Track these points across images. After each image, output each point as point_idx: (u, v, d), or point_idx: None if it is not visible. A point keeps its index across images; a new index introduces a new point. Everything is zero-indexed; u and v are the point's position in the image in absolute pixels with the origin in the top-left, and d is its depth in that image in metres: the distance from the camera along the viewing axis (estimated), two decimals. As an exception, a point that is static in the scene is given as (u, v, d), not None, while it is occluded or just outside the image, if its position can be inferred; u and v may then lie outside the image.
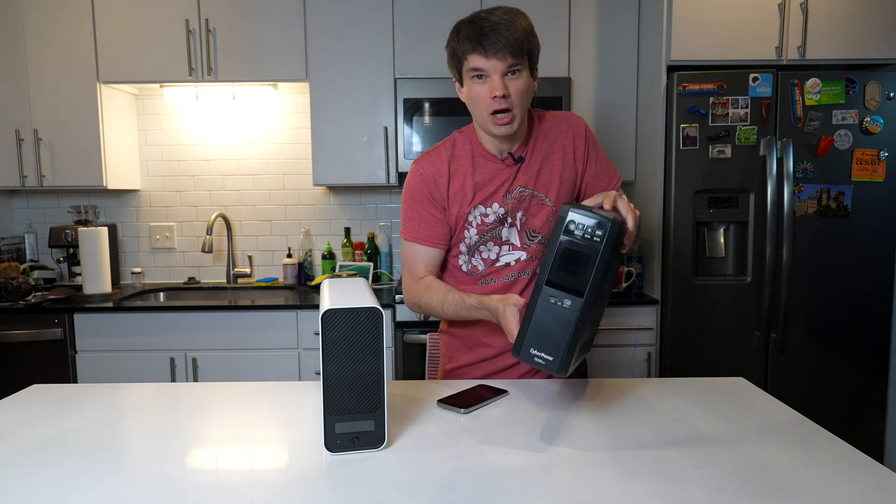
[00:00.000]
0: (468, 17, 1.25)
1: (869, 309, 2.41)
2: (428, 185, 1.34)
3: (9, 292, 2.54)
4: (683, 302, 2.42)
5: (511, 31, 1.19)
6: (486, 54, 1.19)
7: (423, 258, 1.36)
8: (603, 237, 0.94)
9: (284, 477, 0.90)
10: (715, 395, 1.24)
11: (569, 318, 0.95)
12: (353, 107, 2.72)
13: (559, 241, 0.97)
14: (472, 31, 1.20)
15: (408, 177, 1.37)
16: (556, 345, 0.96)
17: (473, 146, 1.35)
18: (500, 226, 1.35)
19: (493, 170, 1.34)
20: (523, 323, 0.98)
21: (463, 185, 1.33)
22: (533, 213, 1.35)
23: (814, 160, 2.36)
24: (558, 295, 0.96)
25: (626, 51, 2.71)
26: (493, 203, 1.33)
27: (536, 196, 1.35)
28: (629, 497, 0.83)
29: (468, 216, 1.34)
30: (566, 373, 0.96)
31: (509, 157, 1.34)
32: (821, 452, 0.97)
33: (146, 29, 2.67)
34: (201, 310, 2.51)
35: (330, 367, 0.93)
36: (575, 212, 0.96)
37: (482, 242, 1.36)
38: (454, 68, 1.29)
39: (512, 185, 1.34)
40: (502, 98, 1.21)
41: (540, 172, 1.35)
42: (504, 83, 1.21)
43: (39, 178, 2.72)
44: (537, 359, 0.97)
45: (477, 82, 1.24)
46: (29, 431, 1.08)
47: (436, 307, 1.31)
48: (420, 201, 1.35)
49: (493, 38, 1.18)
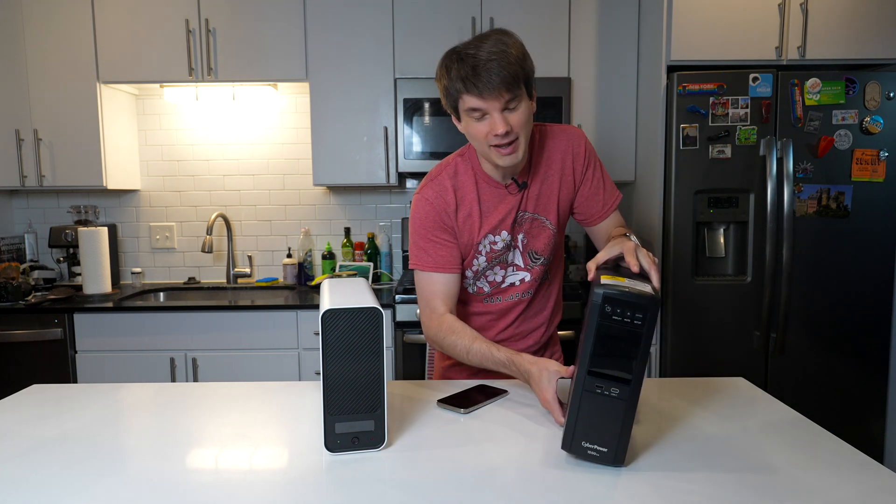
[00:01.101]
0: (457, 53, 1.16)
1: (869, 309, 2.41)
2: (438, 213, 1.30)
3: (9, 292, 2.54)
4: (683, 302, 2.42)
5: (504, 66, 1.12)
6: (481, 95, 1.13)
7: (441, 288, 1.31)
8: (644, 319, 0.87)
9: (284, 477, 0.90)
10: (715, 395, 1.24)
11: (618, 407, 0.89)
12: (353, 107, 2.72)
13: (597, 328, 0.88)
14: (464, 70, 1.13)
15: (413, 206, 1.33)
16: (610, 435, 0.90)
17: (476, 172, 1.31)
18: (507, 252, 1.34)
19: (498, 196, 1.31)
20: (569, 415, 0.92)
21: (470, 213, 1.30)
22: (534, 236, 1.34)
23: (814, 160, 2.36)
24: (604, 384, 0.89)
25: (626, 51, 2.71)
26: (501, 231, 1.31)
27: (537, 219, 1.33)
28: (629, 497, 0.83)
29: (479, 245, 1.32)
30: (622, 462, 0.91)
31: (513, 183, 1.30)
32: (821, 452, 0.96)
33: (146, 29, 2.67)
34: (201, 310, 2.51)
35: (330, 367, 0.93)
36: (610, 295, 0.87)
37: (490, 268, 1.35)
38: (449, 105, 1.22)
39: (515, 210, 1.31)
40: (504, 135, 1.16)
41: (539, 195, 1.32)
42: (504, 118, 1.15)
43: (39, 178, 2.72)
44: (591, 451, 0.91)
45: (476, 120, 1.18)
46: (29, 431, 1.08)
47: (460, 352, 1.26)
48: (432, 228, 1.30)
49: (487, 77, 1.11)
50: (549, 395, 1.08)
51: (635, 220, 2.79)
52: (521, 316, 1.41)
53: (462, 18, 2.66)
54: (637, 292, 0.87)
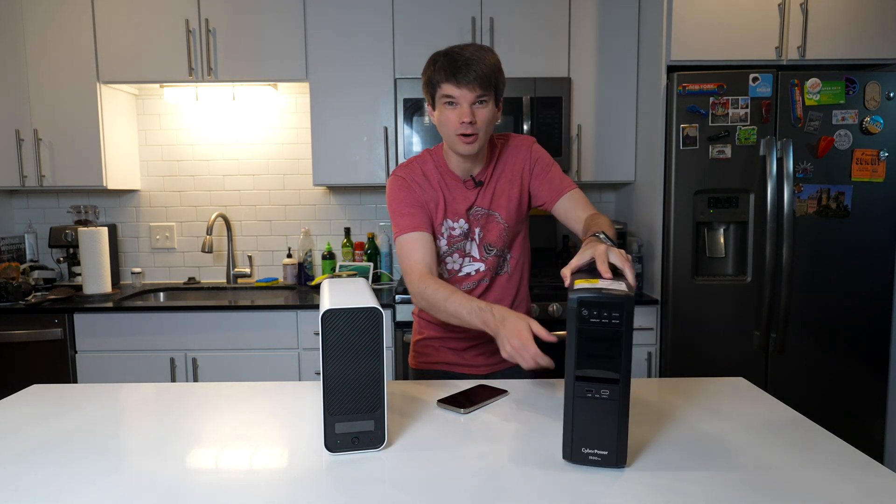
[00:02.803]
0: (444, 51, 1.38)
1: (869, 309, 2.41)
2: (410, 187, 1.47)
3: (9, 292, 2.54)
4: (683, 302, 2.42)
5: (481, 67, 1.33)
6: (458, 84, 1.33)
7: (421, 244, 1.43)
8: (621, 317, 0.89)
9: (284, 477, 0.90)
10: (715, 395, 1.24)
11: (611, 408, 0.90)
12: (353, 107, 2.72)
13: (577, 332, 0.90)
14: (448, 63, 1.34)
15: (388, 186, 1.50)
16: (608, 438, 0.91)
17: (441, 166, 1.49)
18: (464, 239, 1.49)
19: (458, 189, 1.48)
20: (565, 425, 0.93)
21: (435, 196, 1.47)
22: (489, 230, 1.49)
23: (814, 160, 2.36)
24: (593, 387, 0.91)
25: (626, 51, 2.71)
26: (459, 219, 1.48)
27: (491, 214, 1.49)
28: (629, 497, 0.83)
29: (441, 227, 1.48)
30: (625, 463, 0.92)
31: (471, 180, 1.48)
32: (821, 452, 0.97)
33: (146, 29, 2.67)
34: (201, 310, 2.51)
35: (330, 367, 0.93)
36: (585, 298, 0.89)
37: (449, 253, 1.50)
38: (428, 94, 1.42)
39: (472, 204, 1.48)
40: (469, 124, 1.34)
41: (494, 194, 1.49)
42: (472, 111, 1.35)
43: (39, 178, 2.72)
44: (592, 457, 0.92)
45: (448, 108, 1.37)
46: (29, 431, 1.08)
47: (439, 300, 1.34)
48: (406, 198, 1.46)
49: (466, 71, 1.32)
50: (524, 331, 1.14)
51: (635, 220, 2.79)
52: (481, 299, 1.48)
53: (462, 18, 2.66)
54: (611, 292, 0.90)
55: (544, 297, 2.50)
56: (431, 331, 1.58)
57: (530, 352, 1.12)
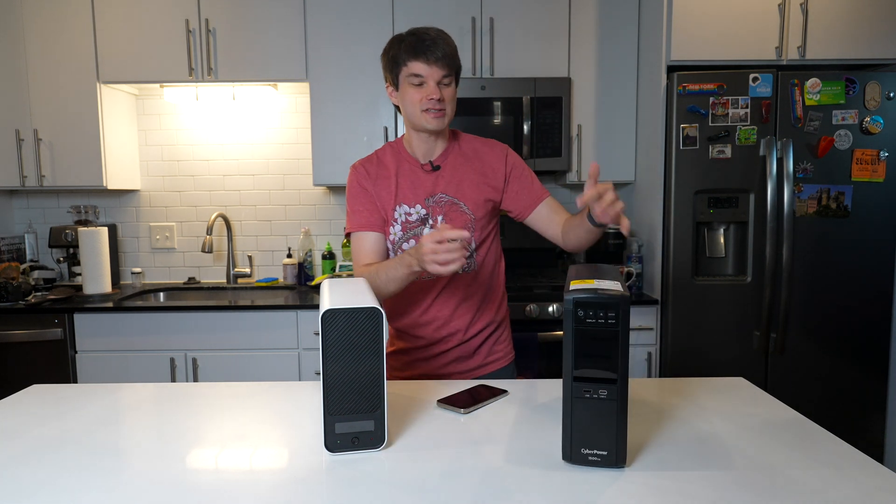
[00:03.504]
0: (408, 31, 1.40)
1: (869, 309, 2.41)
2: (362, 181, 1.49)
3: (9, 292, 2.54)
4: (683, 302, 2.42)
5: (447, 47, 1.37)
6: (427, 62, 1.36)
7: (370, 245, 1.47)
8: (617, 317, 0.89)
9: (284, 477, 0.90)
10: (715, 395, 1.24)
11: (609, 408, 0.90)
12: (353, 107, 2.72)
13: (574, 333, 0.91)
14: (415, 41, 1.36)
15: (348, 177, 1.52)
16: (607, 438, 0.91)
17: (401, 153, 1.51)
18: (422, 225, 1.48)
19: (414, 174, 1.49)
20: (564, 425, 0.93)
21: (388, 184, 1.48)
22: (453, 219, 1.48)
23: (814, 160, 2.36)
24: (591, 388, 0.90)
25: (626, 51, 2.71)
26: (416, 204, 1.47)
27: (455, 203, 1.48)
28: (629, 497, 0.83)
29: (394, 213, 1.47)
30: (624, 463, 0.92)
31: (428, 164, 1.49)
32: (821, 452, 0.97)
33: (146, 29, 2.67)
34: (201, 310, 2.51)
35: (330, 367, 0.93)
36: (580, 299, 0.90)
37: (405, 240, 1.48)
38: (391, 73, 1.43)
39: (432, 190, 1.47)
40: (438, 101, 1.37)
41: (461, 184, 1.48)
42: (439, 89, 1.38)
43: (39, 178, 2.72)
44: (592, 457, 0.92)
45: (414, 87, 1.39)
46: (29, 431, 1.08)
47: (373, 275, 1.37)
48: (359, 195, 1.48)
49: (434, 49, 1.35)
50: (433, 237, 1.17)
51: (635, 220, 2.79)
52: (440, 297, 1.49)
53: (462, 18, 2.66)
54: (606, 293, 0.90)
55: (544, 298, 2.50)
56: (402, 342, 1.57)
57: (443, 247, 1.15)
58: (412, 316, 1.52)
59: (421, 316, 1.51)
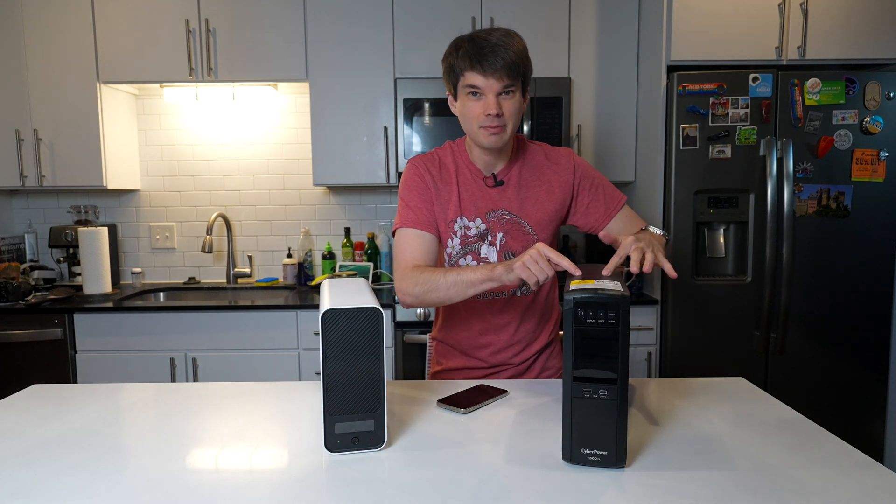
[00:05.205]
0: (468, 35, 1.26)
1: (869, 309, 2.41)
2: (424, 178, 1.36)
3: (9, 292, 2.54)
4: (683, 302, 2.42)
5: (509, 53, 1.22)
6: (483, 73, 1.22)
7: (425, 245, 1.34)
8: (617, 317, 0.89)
9: (284, 477, 0.90)
10: (715, 395, 1.24)
11: (609, 408, 0.90)
12: (353, 107, 2.72)
13: (574, 333, 0.91)
14: (472, 49, 1.23)
15: (405, 172, 1.40)
16: (607, 438, 0.91)
17: (463, 159, 1.39)
18: (480, 241, 1.37)
19: (476, 187, 1.37)
20: (564, 425, 0.93)
21: (450, 191, 1.37)
22: (513, 237, 1.37)
23: (814, 160, 2.36)
24: (591, 388, 0.90)
25: (626, 51, 2.71)
26: (476, 218, 1.37)
27: (519, 222, 1.37)
28: (629, 497, 0.83)
29: (454, 224, 1.37)
30: (625, 463, 0.92)
31: (491, 177, 1.38)
32: (821, 452, 0.97)
33: (146, 29, 2.67)
34: (201, 310, 2.51)
35: (330, 367, 0.93)
36: (580, 299, 0.90)
37: (462, 255, 1.38)
38: (450, 82, 1.31)
39: (495, 205, 1.37)
40: (496, 116, 1.24)
41: (524, 201, 1.37)
42: (498, 102, 1.24)
43: (39, 178, 2.72)
44: (592, 457, 0.92)
45: (472, 99, 1.27)
46: (29, 431, 1.08)
47: (437, 275, 1.24)
48: (421, 192, 1.36)
49: (492, 58, 1.21)
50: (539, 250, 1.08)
51: (635, 220, 2.79)
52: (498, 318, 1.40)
53: (462, 19, 2.66)
54: (606, 293, 0.90)
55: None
56: (452, 360, 1.46)
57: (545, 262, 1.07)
58: (467, 333, 1.43)
59: (479, 337, 1.42)
